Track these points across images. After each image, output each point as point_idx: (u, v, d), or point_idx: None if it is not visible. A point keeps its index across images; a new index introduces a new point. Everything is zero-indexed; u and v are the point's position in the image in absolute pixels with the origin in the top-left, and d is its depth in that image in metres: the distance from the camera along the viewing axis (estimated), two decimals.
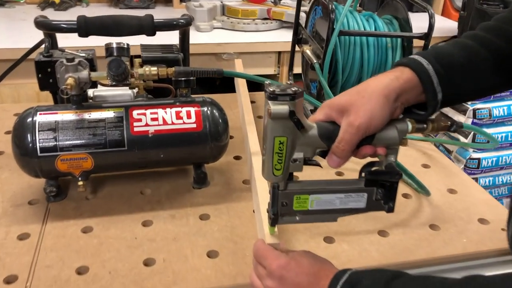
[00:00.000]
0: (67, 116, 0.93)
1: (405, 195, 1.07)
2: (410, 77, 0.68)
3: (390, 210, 0.76)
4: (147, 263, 0.85)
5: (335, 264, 0.84)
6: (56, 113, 0.93)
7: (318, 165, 0.72)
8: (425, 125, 0.73)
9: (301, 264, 0.70)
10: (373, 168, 0.75)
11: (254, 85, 1.43)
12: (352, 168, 0.83)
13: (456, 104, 0.71)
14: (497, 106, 2.03)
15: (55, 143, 0.91)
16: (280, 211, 0.74)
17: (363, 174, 0.74)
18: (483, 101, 2.02)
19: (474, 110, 1.99)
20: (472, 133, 2.02)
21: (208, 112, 0.99)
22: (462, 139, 2.02)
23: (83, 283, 0.80)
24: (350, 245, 0.91)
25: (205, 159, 1.03)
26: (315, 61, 1.20)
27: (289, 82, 0.71)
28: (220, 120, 1.00)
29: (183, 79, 1.00)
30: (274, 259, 0.71)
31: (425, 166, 1.20)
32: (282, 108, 0.64)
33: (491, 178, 2.15)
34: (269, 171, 0.70)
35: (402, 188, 1.10)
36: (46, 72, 1.00)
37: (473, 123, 2.03)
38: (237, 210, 1.00)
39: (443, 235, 0.95)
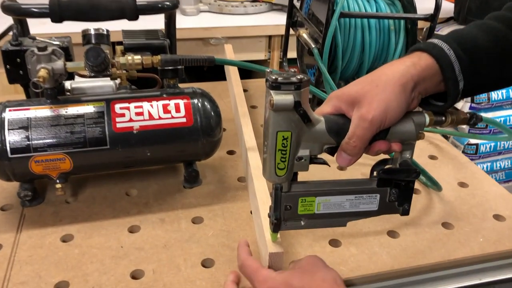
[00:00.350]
0: (41, 112, 0.83)
1: (414, 191, 0.99)
2: (429, 64, 0.61)
3: (405, 212, 0.70)
4: (135, 275, 0.77)
5: (342, 271, 0.77)
6: (28, 109, 0.83)
7: (326, 163, 0.65)
8: (443, 118, 0.66)
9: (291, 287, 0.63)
10: (387, 166, 0.67)
11: (245, 72, 1.34)
12: (364, 163, 0.75)
13: (478, 94, 0.64)
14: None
15: (28, 142, 0.81)
16: (283, 215, 0.67)
17: (375, 173, 0.67)
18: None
19: None
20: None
21: (199, 104, 0.89)
22: (465, 128, 1.95)
23: None
24: (358, 248, 0.83)
25: (196, 157, 0.94)
26: (313, 46, 1.11)
27: (292, 70, 0.63)
28: (213, 113, 0.90)
29: (170, 68, 0.90)
30: (261, 282, 0.65)
31: (432, 157, 1.13)
32: (286, 98, 0.57)
33: (489, 164, 2.10)
34: (271, 170, 0.63)
35: None
36: (15, 63, 0.89)
37: (471, 107, 1.97)
38: (233, 211, 0.91)
39: (458, 234, 0.87)
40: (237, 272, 0.73)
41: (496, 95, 1.97)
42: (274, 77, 0.57)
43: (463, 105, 1.95)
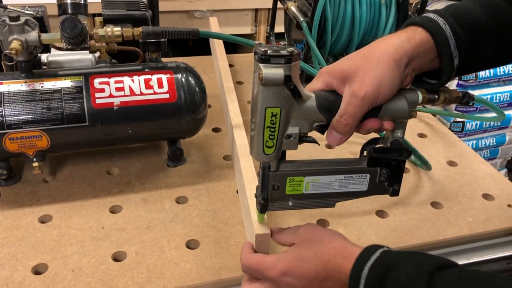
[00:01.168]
0: (14, 86, 0.78)
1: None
2: (424, 39, 0.58)
3: (395, 193, 0.68)
4: (117, 257, 0.74)
5: None
6: (1, 83, 0.78)
7: (315, 142, 0.62)
8: (436, 96, 0.63)
9: (305, 263, 0.58)
10: (378, 146, 0.65)
11: (231, 47, 1.29)
12: (354, 141, 0.73)
13: (473, 72, 0.62)
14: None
15: (1, 119, 0.76)
16: (271, 195, 0.64)
17: (365, 153, 0.64)
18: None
19: None
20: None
21: (183, 79, 0.85)
22: (452, 107, 1.95)
23: (41, 285, 0.68)
24: (347, 228, 0.81)
25: (180, 134, 0.90)
26: (301, 20, 1.07)
27: (282, 43, 0.60)
28: (197, 89, 0.87)
29: (152, 41, 0.86)
30: (272, 268, 0.60)
31: (422, 135, 1.11)
32: (276, 72, 0.54)
33: (474, 141, 2.11)
34: (258, 149, 0.60)
35: None
36: None
37: (458, 84, 1.96)
38: (218, 191, 0.89)
39: (447, 214, 0.86)
40: (250, 243, 0.69)
41: (484, 72, 1.95)
42: (263, 50, 0.54)
43: (450, 83, 1.94)
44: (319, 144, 0.63)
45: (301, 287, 0.58)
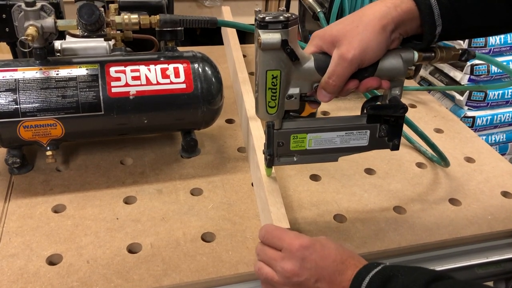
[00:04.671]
0: (29, 73, 0.77)
1: (419, 165, 0.96)
2: (410, 7, 0.61)
3: (395, 147, 0.71)
4: (132, 249, 0.73)
5: (348, 248, 0.74)
6: (16, 70, 0.77)
7: (316, 101, 0.66)
8: (432, 54, 0.65)
9: (327, 247, 0.61)
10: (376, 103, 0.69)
11: (240, 37, 1.27)
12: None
13: (458, 40, 0.67)
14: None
15: (16, 106, 0.75)
16: (277, 151, 0.69)
17: (365, 111, 0.68)
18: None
19: (472, 66, 1.88)
20: (468, 91, 1.93)
21: (200, 69, 0.84)
22: (457, 96, 1.93)
23: (56, 275, 0.67)
24: (364, 224, 0.80)
25: (196, 125, 0.89)
26: (319, 10, 1.05)
27: (281, 9, 0.63)
28: (214, 79, 0.85)
29: (169, 29, 0.84)
30: (295, 238, 0.62)
31: (438, 130, 1.09)
32: (273, 37, 0.58)
33: (484, 137, 2.08)
34: (263, 108, 0.65)
35: (415, 157, 0.99)
36: (0, 19, 0.81)
37: (470, 79, 1.93)
38: (233, 183, 0.87)
39: (465, 211, 0.84)
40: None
41: (494, 40, 1.92)
42: (262, 17, 0.58)
43: (462, 77, 1.91)
44: (319, 104, 0.67)
45: (315, 265, 0.59)
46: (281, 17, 0.58)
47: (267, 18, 0.58)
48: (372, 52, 0.60)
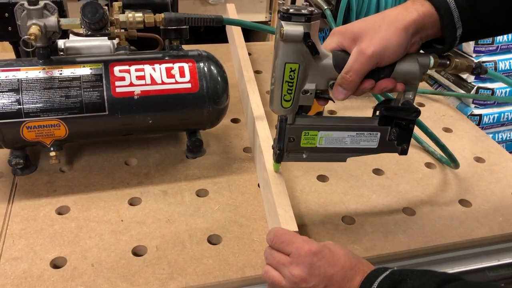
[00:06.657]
0: (33, 73, 0.76)
1: (428, 165, 0.95)
2: (431, 12, 0.61)
3: (404, 152, 0.71)
4: (137, 252, 0.72)
5: (357, 250, 0.73)
6: (19, 69, 0.75)
7: (331, 99, 0.66)
8: (448, 62, 0.65)
9: (336, 254, 0.60)
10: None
11: (245, 35, 1.26)
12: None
13: (480, 39, 0.68)
14: (503, 59, 1.91)
15: (19, 106, 0.74)
16: (287, 147, 0.69)
17: (377, 113, 0.68)
18: (488, 54, 1.89)
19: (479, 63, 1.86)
20: (476, 87, 1.91)
21: (205, 69, 0.82)
22: (470, 100, 1.90)
23: (60, 279, 0.66)
24: (373, 226, 0.79)
25: (201, 125, 0.87)
26: (325, 7, 1.03)
27: (305, 3, 0.63)
28: (219, 79, 0.84)
29: (174, 28, 0.83)
30: (304, 244, 0.61)
31: (447, 130, 1.08)
32: (296, 29, 0.58)
33: (490, 135, 2.06)
34: (277, 102, 0.65)
35: (424, 157, 0.97)
36: (3, 18, 0.80)
37: (475, 50, 1.91)
38: (239, 184, 0.86)
39: (476, 213, 0.83)
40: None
41: (504, 64, 1.90)
42: (286, 8, 0.58)
43: (467, 76, 1.89)
44: (334, 101, 0.66)
45: (324, 272, 0.58)
46: (305, 11, 0.58)
47: (291, 10, 0.58)
48: (391, 51, 0.61)
